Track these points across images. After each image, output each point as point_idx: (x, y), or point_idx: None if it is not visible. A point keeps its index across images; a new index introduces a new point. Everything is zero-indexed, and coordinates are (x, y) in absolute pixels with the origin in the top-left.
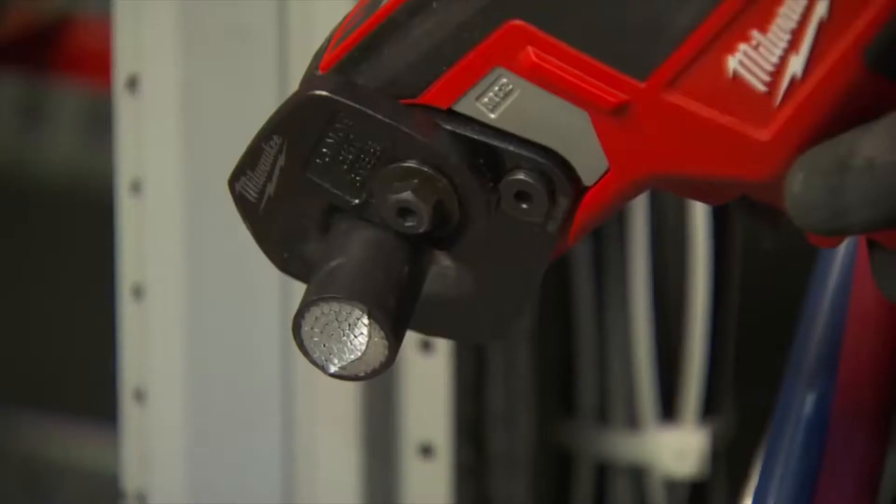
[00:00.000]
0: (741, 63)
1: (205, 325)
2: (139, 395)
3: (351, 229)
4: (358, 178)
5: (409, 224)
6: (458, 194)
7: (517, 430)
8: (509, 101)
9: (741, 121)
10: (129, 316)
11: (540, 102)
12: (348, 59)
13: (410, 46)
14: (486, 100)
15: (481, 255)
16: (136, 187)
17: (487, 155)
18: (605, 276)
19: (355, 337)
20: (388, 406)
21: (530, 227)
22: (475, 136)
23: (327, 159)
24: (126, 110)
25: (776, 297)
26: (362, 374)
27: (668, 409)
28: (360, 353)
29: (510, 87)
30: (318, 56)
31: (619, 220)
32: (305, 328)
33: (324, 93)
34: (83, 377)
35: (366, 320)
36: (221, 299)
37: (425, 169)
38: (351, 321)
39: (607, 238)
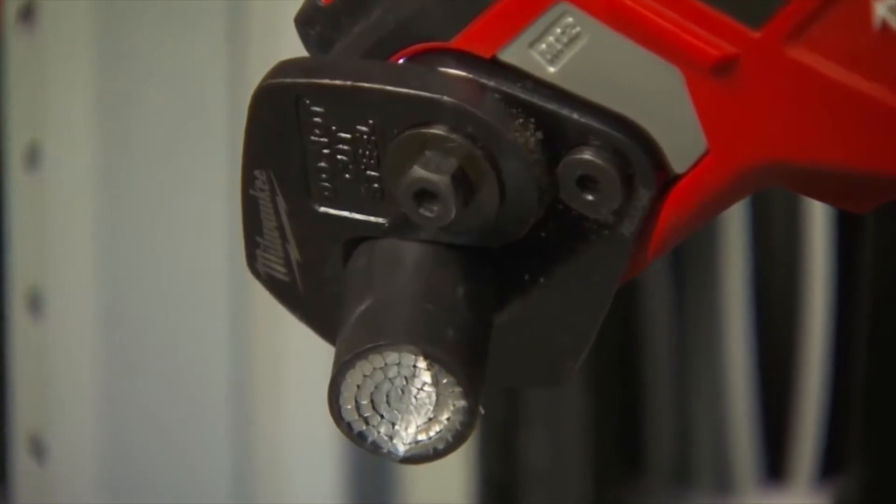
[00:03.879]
0: (893, 9)
1: (126, 347)
2: (37, 448)
3: (373, 260)
4: (374, 185)
5: (434, 214)
6: (497, 176)
7: (565, 493)
8: (575, 49)
9: (890, 89)
10: (23, 335)
11: (616, 54)
12: None
13: None
14: (543, 47)
15: (532, 268)
16: (32, 157)
17: (541, 123)
18: (688, 293)
19: (419, 391)
20: (384, 463)
21: (597, 229)
22: (525, 97)
23: (325, 176)
24: (19, 50)
25: None
26: (442, 445)
27: (775, 467)
28: (430, 410)
29: (577, 30)
30: None
31: None
32: (347, 406)
33: (267, 82)
34: None
35: (422, 364)
36: (148, 312)
37: (426, 130)
38: (405, 373)
39: (691, 242)
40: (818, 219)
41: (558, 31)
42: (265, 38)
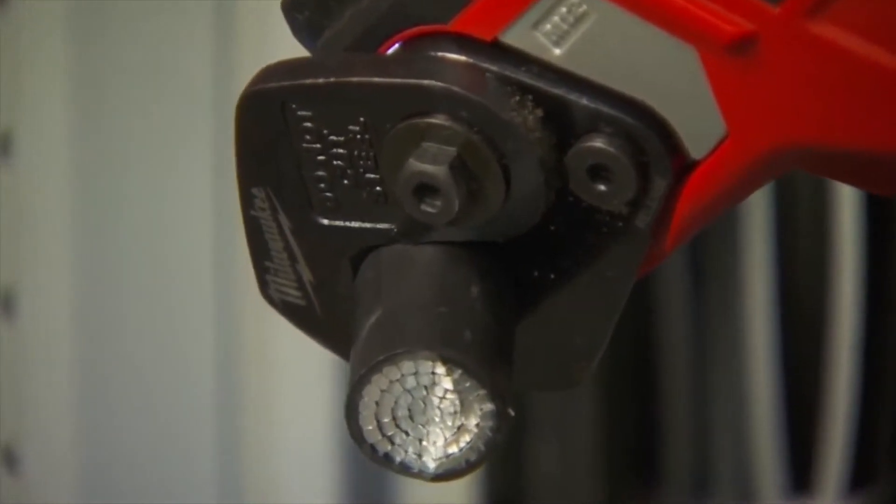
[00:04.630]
0: None
1: (104, 350)
2: (10, 458)
3: (380, 269)
4: (375, 188)
5: (437, 209)
6: (499, 160)
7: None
8: (582, 29)
9: None
10: None
11: (626, 33)
12: None
13: None
14: (548, 27)
15: (542, 264)
16: (4, 146)
17: (548, 109)
18: (708, 287)
19: (441, 399)
20: (382, 471)
21: (610, 221)
22: (530, 81)
23: (324, 185)
24: None
25: None
26: (474, 456)
27: (800, 478)
28: (457, 418)
29: (584, 8)
30: None
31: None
32: (368, 426)
33: (249, 90)
34: None
35: (441, 370)
36: (127, 312)
37: (419, 121)
38: (425, 382)
39: (711, 236)
40: (847, 201)
41: (563, 10)
42: (252, 23)
